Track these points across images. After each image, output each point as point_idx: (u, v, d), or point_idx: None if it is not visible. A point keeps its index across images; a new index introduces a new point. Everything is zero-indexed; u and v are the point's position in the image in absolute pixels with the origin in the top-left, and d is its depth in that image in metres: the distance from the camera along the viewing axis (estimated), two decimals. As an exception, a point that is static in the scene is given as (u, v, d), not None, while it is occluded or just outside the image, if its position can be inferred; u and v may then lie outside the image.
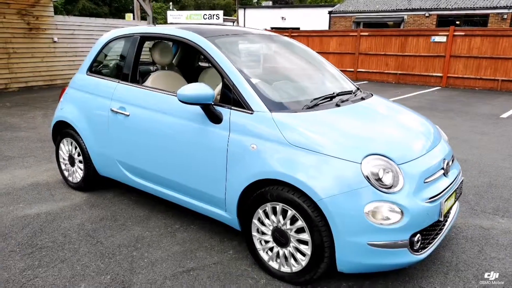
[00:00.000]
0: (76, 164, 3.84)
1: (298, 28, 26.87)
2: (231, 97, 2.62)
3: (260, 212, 2.50)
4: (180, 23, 3.52)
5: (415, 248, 2.26)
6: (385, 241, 2.16)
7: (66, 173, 3.99)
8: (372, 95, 3.23)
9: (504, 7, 19.59)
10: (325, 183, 2.19)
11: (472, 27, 15.41)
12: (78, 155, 3.77)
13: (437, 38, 13.15)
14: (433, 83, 13.39)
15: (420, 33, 13.67)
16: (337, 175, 2.20)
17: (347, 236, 2.17)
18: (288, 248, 2.43)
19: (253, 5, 45.08)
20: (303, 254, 2.37)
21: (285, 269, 2.47)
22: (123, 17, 33.65)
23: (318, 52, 3.89)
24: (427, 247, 2.37)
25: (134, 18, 13.69)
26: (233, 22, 32.25)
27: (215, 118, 2.62)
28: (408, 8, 22.09)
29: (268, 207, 2.45)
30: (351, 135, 2.40)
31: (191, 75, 4.14)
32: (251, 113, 2.51)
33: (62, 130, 3.88)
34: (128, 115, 3.17)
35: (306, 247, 2.33)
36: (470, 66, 12.61)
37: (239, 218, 2.66)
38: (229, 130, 2.57)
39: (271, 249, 2.54)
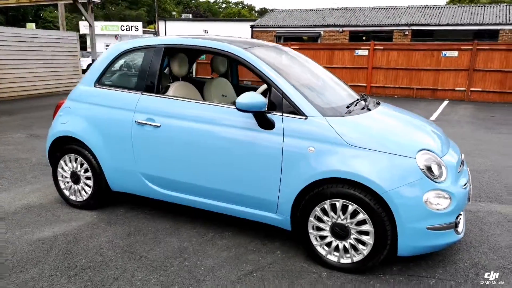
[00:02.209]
0: (81, 181, 3.64)
1: (221, 41, 27.22)
2: (280, 104, 2.79)
3: (317, 209, 2.70)
4: (196, 35, 3.56)
5: (457, 228, 2.65)
6: (439, 224, 2.51)
7: (66, 192, 3.76)
8: (380, 102, 3.62)
9: (405, 25, 22.15)
10: (387, 178, 2.49)
11: (389, 42, 17.20)
12: (85, 171, 3.59)
13: (360, 52, 14.46)
14: (358, 92, 14.65)
15: (345, 47, 14.92)
16: (397, 169, 2.51)
17: (409, 223, 2.47)
18: (349, 240, 2.66)
19: (172, 17, 44.58)
20: (364, 244, 2.62)
21: (345, 260, 2.70)
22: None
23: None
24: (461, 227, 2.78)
25: (60, 28, 12.81)
26: (153, 34, 31.61)
27: (268, 125, 2.77)
28: (323, 24, 23.81)
29: (326, 204, 2.66)
30: (397, 134, 2.74)
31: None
32: (305, 118, 2.71)
33: (63, 147, 3.66)
34: (158, 126, 3.15)
35: (368, 237, 2.59)
36: (390, 76, 14.09)
37: (292, 218, 2.83)
38: (283, 135, 2.74)
39: (327, 244, 2.75)
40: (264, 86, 3.32)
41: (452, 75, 13.17)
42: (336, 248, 2.73)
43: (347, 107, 2.97)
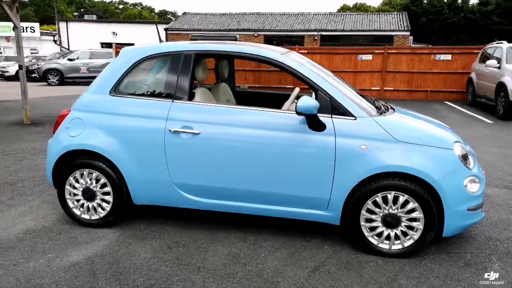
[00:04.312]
0: (97, 198, 3.37)
1: (133, 44, 26.14)
2: (327, 106, 2.96)
3: (369, 203, 2.93)
4: (217, 42, 3.53)
5: (482, 209, 3.10)
6: (475, 205, 2.92)
7: (76, 211, 3.44)
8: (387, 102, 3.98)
9: (314, 30, 23.72)
10: (435, 168, 2.82)
11: (313, 46, 18.22)
12: (102, 186, 3.34)
13: (285, 55, 15.13)
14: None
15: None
16: (440, 160, 2.86)
17: (455, 207, 2.84)
18: (400, 228, 2.94)
19: (74, 18, 41.20)
20: (412, 230, 2.92)
21: (396, 246, 2.97)
22: None
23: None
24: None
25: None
26: (54, 36, 28.95)
27: (320, 126, 2.92)
28: (239, 28, 24.33)
29: (378, 197, 2.91)
30: (430, 130, 3.10)
31: None
32: (354, 119, 2.93)
33: (73, 162, 3.35)
34: (197, 133, 3.09)
35: (417, 223, 2.90)
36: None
37: (343, 213, 3.02)
38: (334, 135, 2.92)
39: (378, 234, 2.99)
40: (296, 92, 3.44)
41: (368, 76, 14.52)
42: (386, 237, 2.98)
43: (375, 107, 3.25)
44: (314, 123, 2.93)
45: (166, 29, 25.16)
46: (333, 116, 2.96)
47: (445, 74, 13.74)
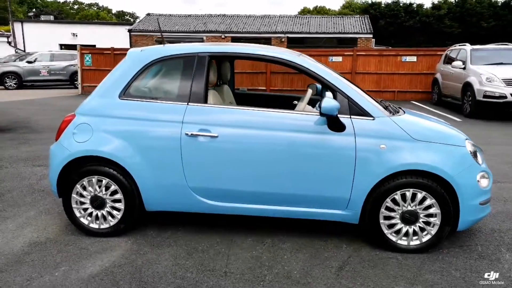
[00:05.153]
0: (107, 205, 3.24)
1: (94, 46, 25.30)
2: (346, 107, 3.01)
3: (388, 201, 3.01)
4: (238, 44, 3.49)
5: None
6: (485, 199, 3.07)
7: (84, 221, 3.28)
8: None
9: (281, 32, 23.98)
10: (451, 165, 2.94)
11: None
12: (112, 193, 3.21)
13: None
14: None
15: (241, 52, 15.46)
16: (455, 157, 2.98)
17: (469, 201, 2.97)
18: (418, 224, 3.03)
19: (26, 18, 39.19)
20: (429, 225, 3.02)
21: (414, 242, 3.06)
22: None
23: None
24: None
25: None
26: (7, 37, 27.39)
27: (340, 127, 2.96)
28: (206, 30, 24.16)
29: (397, 194, 2.99)
30: (441, 128, 3.22)
31: None
32: (373, 119, 2.99)
33: (79, 169, 3.19)
34: (215, 136, 3.04)
35: (434, 219, 3.00)
36: (286, 80, 15.17)
37: (362, 212, 3.07)
38: (354, 135, 2.97)
39: (396, 232, 3.07)
40: (310, 93, 3.46)
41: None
42: (403, 233, 3.06)
43: (386, 107, 3.34)
44: (335, 124, 2.96)
45: (130, 30, 24.55)
46: (352, 116, 3.01)
47: (411, 75, 14.32)
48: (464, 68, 10.60)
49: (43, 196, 4.25)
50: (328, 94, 3.06)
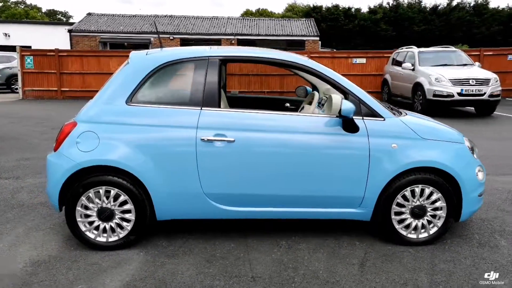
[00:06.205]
0: (116, 217, 3.07)
1: (30, 47, 23.65)
2: (358, 108, 3.11)
3: (399, 197, 3.16)
4: (233, 47, 3.43)
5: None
6: (482, 191, 3.33)
7: (90, 235, 3.09)
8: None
9: (231, 34, 24.01)
10: (454, 161, 3.15)
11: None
12: (121, 204, 3.06)
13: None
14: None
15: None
16: (457, 153, 3.21)
17: (470, 194, 3.20)
18: (425, 218, 3.21)
19: None
20: (435, 218, 3.22)
21: (423, 235, 3.24)
22: None
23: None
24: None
25: None
26: None
27: (354, 128, 3.06)
28: (153, 30, 23.51)
29: (407, 191, 3.15)
30: (443, 127, 3.44)
31: None
32: (383, 120, 3.13)
33: (85, 181, 3.00)
34: (232, 141, 3.00)
35: (440, 212, 3.20)
36: (242, 82, 15.22)
37: (374, 209, 3.19)
38: (367, 136, 3.08)
39: (406, 226, 3.22)
40: (317, 96, 3.52)
41: (294, 79, 15.17)
42: (413, 227, 3.23)
43: (388, 108, 3.50)
44: (350, 125, 3.06)
45: (70, 31, 23.25)
46: (364, 117, 3.12)
47: (361, 76, 15.02)
48: (413, 70, 11.31)
49: (25, 211, 3.92)
50: (317, 95, 3.13)
